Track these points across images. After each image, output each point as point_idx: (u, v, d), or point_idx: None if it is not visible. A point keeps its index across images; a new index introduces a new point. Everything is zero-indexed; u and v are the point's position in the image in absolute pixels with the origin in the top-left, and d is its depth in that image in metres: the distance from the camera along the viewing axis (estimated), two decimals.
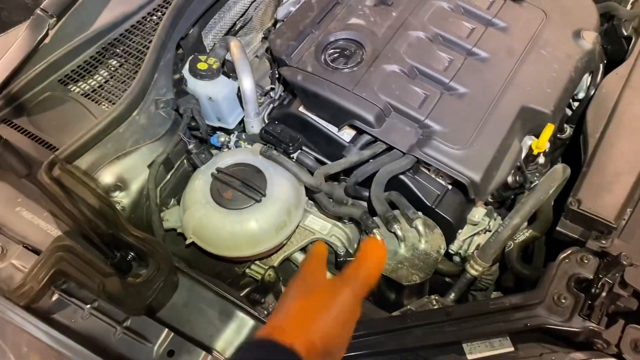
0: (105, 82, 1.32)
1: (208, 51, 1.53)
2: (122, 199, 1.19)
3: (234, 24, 1.66)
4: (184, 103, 1.31)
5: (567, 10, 1.48)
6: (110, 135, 1.21)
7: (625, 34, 1.54)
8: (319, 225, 1.34)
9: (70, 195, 1.09)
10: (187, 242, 1.21)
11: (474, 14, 1.44)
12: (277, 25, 1.67)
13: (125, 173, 1.20)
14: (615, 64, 1.49)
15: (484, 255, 1.27)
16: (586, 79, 1.48)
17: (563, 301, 1.08)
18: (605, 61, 1.51)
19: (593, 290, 1.08)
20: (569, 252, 1.15)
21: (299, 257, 1.35)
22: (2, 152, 0.89)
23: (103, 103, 1.29)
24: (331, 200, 1.32)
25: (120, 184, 1.19)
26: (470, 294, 1.50)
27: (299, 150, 1.35)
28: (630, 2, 1.59)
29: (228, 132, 1.45)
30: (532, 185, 1.41)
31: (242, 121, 1.44)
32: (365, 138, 1.31)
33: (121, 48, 1.37)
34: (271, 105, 1.46)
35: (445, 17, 1.42)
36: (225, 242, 1.19)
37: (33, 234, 1.15)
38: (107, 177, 1.18)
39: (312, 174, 1.31)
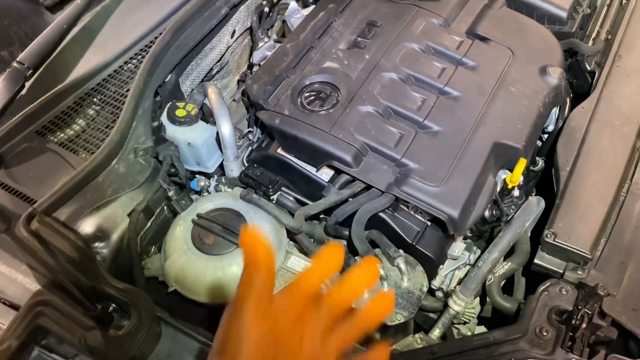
0: (83, 132, 1.32)
1: (186, 97, 1.55)
2: (102, 249, 1.18)
3: (211, 69, 1.69)
4: (163, 150, 1.32)
5: (532, 48, 1.54)
6: (89, 186, 1.20)
7: (589, 68, 1.61)
8: (302, 266, 1.34)
9: (49, 248, 1.08)
10: (169, 290, 1.21)
11: (444, 54, 1.49)
12: (254, 70, 1.70)
13: (105, 223, 1.19)
14: (581, 97, 1.55)
15: (466, 291, 1.28)
16: (554, 112, 1.53)
17: (545, 334, 1.10)
18: (571, 95, 1.57)
19: (573, 321, 1.10)
20: (548, 284, 1.17)
21: None
22: None
23: (81, 153, 1.29)
24: (312, 240, 1.33)
25: (100, 234, 1.18)
26: (454, 327, 1.50)
27: (279, 192, 1.37)
28: (591, 39, 1.66)
29: (208, 176, 1.46)
30: (509, 218, 1.44)
31: (221, 165, 1.45)
32: (344, 178, 1.33)
33: (98, 97, 1.38)
34: (250, 148, 1.48)
35: (417, 58, 1.47)
36: (208, 288, 1.18)
37: (11, 289, 1.13)
38: (86, 227, 1.17)
39: (292, 215, 1.32)
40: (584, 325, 1.08)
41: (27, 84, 1.33)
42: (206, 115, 1.54)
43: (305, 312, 0.62)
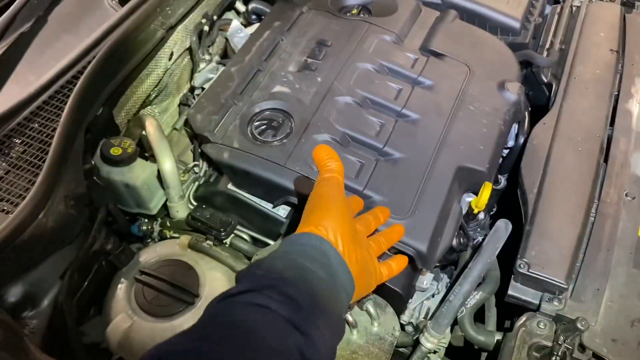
0: (2, 180, 1.16)
1: (121, 129, 1.40)
2: (31, 319, 1.02)
3: (149, 95, 1.54)
4: (97, 196, 1.17)
5: (489, 62, 1.49)
6: (12, 247, 1.04)
7: (545, 80, 1.57)
8: None
9: None
10: (114, 359, 1.07)
11: (399, 73, 1.41)
12: (196, 94, 1.57)
13: (34, 289, 1.03)
14: (539, 109, 1.51)
15: (438, 327, 1.21)
16: (514, 127, 1.48)
17: None
18: (529, 108, 1.52)
19: (554, 358, 1.04)
20: (525, 319, 1.12)
21: None
22: None
23: (2, 205, 1.12)
24: None
25: (28, 302, 1.03)
26: (427, 357, 1.43)
27: (233, 235, 1.25)
28: (545, 49, 1.62)
29: (152, 217, 1.32)
30: (475, 242, 1.38)
31: (165, 204, 1.32)
32: None
33: (20, 139, 1.21)
34: (196, 183, 1.35)
35: (372, 79, 1.38)
36: None
37: None
38: (10, 297, 1.01)
39: (249, 258, 1.21)
40: None
41: None
42: (145, 148, 1.39)
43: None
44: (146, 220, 1.31)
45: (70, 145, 1.18)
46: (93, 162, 1.24)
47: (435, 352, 1.43)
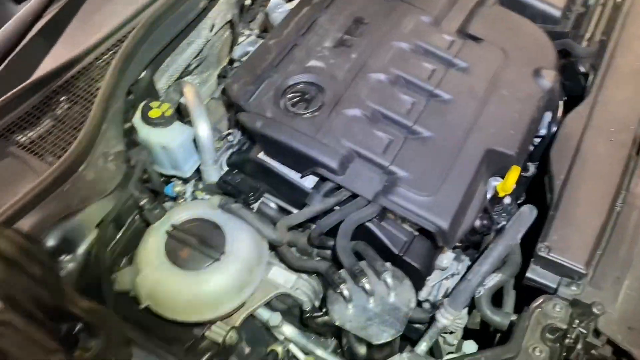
0: (49, 134, 1.23)
1: (161, 96, 1.46)
2: (68, 263, 1.09)
3: (189, 64, 1.59)
4: (135, 154, 1.23)
5: (526, 49, 1.48)
6: (55, 194, 1.11)
7: (583, 70, 1.55)
8: (284, 278, 1.27)
9: (9, 264, 0.99)
10: (141, 307, 1.13)
11: (434, 54, 1.42)
12: (234, 66, 1.62)
13: (72, 234, 1.10)
14: (574, 99, 1.49)
15: (455, 304, 1.23)
16: (547, 116, 1.48)
17: (538, 354, 1.05)
18: (565, 98, 1.51)
19: (567, 340, 1.05)
20: (541, 300, 1.12)
21: (263, 312, 1.28)
22: None
23: (47, 157, 1.19)
24: (295, 252, 1.26)
25: (66, 247, 1.10)
26: (441, 336, 1.45)
27: (260, 200, 1.29)
28: (585, 39, 1.60)
29: (184, 180, 1.37)
30: (499, 226, 1.39)
31: (199, 169, 1.37)
32: (329, 185, 1.26)
33: (66, 96, 1.28)
34: (230, 151, 1.40)
35: (406, 59, 1.39)
36: (183, 306, 1.11)
37: None
38: (51, 240, 1.08)
39: (274, 224, 1.25)
40: (578, 346, 1.03)
41: None
42: (183, 115, 1.45)
43: None
44: (180, 182, 1.36)
45: (112, 104, 1.24)
46: (132, 123, 1.29)
47: (452, 332, 1.46)
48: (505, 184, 1.28)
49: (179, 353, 1.03)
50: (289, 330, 1.25)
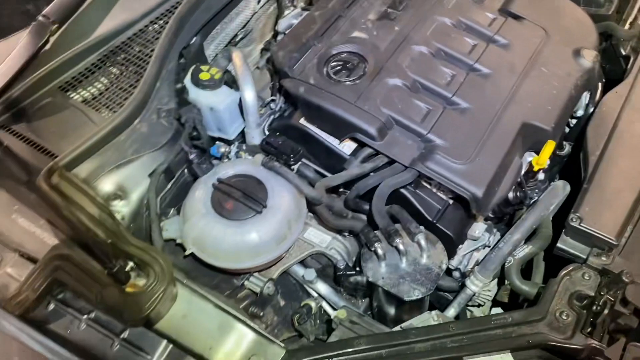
0: (106, 90, 1.31)
1: (210, 61, 1.53)
2: (121, 208, 1.17)
3: (235, 35, 1.66)
4: (185, 112, 1.30)
5: (567, 29, 1.50)
6: (111, 144, 1.19)
7: (624, 53, 1.56)
8: (319, 238, 1.33)
9: (69, 203, 1.07)
10: (187, 252, 1.20)
11: (475, 30, 1.45)
12: (279, 38, 1.67)
13: (126, 182, 1.18)
14: (613, 83, 1.50)
15: (485, 271, 1.27)
16: (585, 96, 1.49)
17: (565, 318, 1.08)
18: (604, 79, 1.52)
19: (595, 307, 1.08)
20: (571, 268, 1.15)
21: (298, 269, 1.34)
22: (3, 157, 0.87)
23: (103, 110, 1.27)
24: (332, 213, 1.31)
25: (120, 193, 1.18)
26: (467, 310, 1.49)
27: (300, 162, 1.35)
28: (628, 22, 1.61)
29: (228, 142, 1.44)
30: (532, 201, 1.41)
31: (242, 132, 1.43)
32: (367, 151, 1.30)
33: (122, 56, 1.36)
34: (272, 117, 1.46)
35: (448, 33, 1.43)
36: (226, 253, 1.18)
37: (29, 242, 1.13)
38: (106, 185, 1.17)
39: (313, 186, 1.30)
40: (605, 312, 1.06)
41: (52, 39, 1.31)
42: (229, 82, 1.51)
43: None
44: (224, 143, 1.43)
45: (166, 65, 1.31)
46: (183, 84, 1.36)
47: (479, 305, 1.49)
48: (540, 158, 1.30)
49: (219, 298, 1.09)
50: (322, 287, 1.31)
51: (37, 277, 1.04)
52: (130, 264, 1.08)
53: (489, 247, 1.40)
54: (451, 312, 1.29)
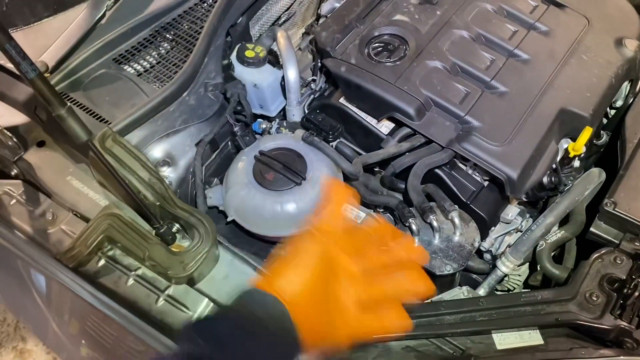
0: (157, 64, 1.37)
1: (254, 40, 1.58)
2: (169, 174, 1.23)
3: (279, 18, 1.71)
4: (231, 87, 1.36)
5: (609, 18, 1.50)
6: (161, 113, 1.25)
7: None
8: (354, 213, 1.36)
9: (121, 166, 1.14)
10: (228, 219, 1.25)
11: (516, 17, 1.47)
12: (322, 20, 1.71)
13: (174, 150, 1.25)
14: None
15: (516, 253, 1.29)
16: (625, 86, 1.49)
17: (595, 299, 1.09)
18: None
19: (625, 290, 1.09)
20: (603, 252, 1.16)
21: None
22: (67, 117, 0.94)
23: (153, 83, 1.34)
24: (367, 189, 1.35)
25: (169, 160, 1.24)
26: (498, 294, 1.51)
27: (338, 140, 1.39)
28: None
29: (269, 119, 1.49)
30: (566, 188, 1.42)
31: (283, 110, 1.48)
32: (404, 131, 1.34)
33: (173, 32, 1.42)
34: (312, 97, 1.50)
35: (489, 19, 1.45)
36: (265, 221, 1.23)
37: (82, 203, 1.20)
38: (156, 152, 1.23)
39: (350, 162, 1.34)
40: (636, 294, 1.07)
41: (108, 13, 1.38)
42: (272, 61, 1.56)
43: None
44: (266, 120, 1.48)
45: (214, 41, 1.37)
46: (230, 60, 1.42)
47: (509, 290, 1.51)
48: (577, 144, 1.31)
49: (259, 262, 1.14)
50: None
51: (90, 234, 1.10)
52: (177, 225, 1.15)
53: (521, 231, 1.42)
54: (481, 292, 1.31)
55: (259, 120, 1.49)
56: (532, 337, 1.09)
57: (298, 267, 0.78)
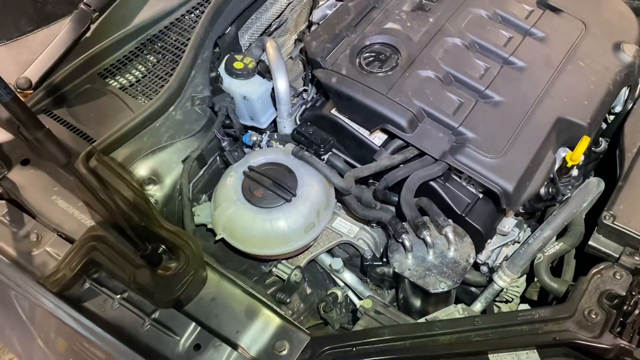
0: (143, 77, 1.34)
1: (244, 51, 1.55)
2: (155, 192, 1.21)
3: (270, 25, 1.67)
4: (219, 101, 1.33)
5: (607, 22, 1.46)
6: (147, 129, 1.23)
7: None
8: (347, 228, 1.34)
9: (105, 186, 1.11)
10: (217, 238, 1.23)
11: (511, 22, 1.43)
12: (313, 28, 1.68)
13: (160, 167, 1.22)
14: None
15: (513, 266, 1.26)
16: (624, 92, 1.46)
17: (594, 317, 1.06)
18: None
19: (625, 307, 1.06)
20: (602, 267, 1.13)
21: (325, 258, 1.35)
22: (44, 140, 0.91)
23: (139, 97, 1.31)
24: (360, 203, 1.32)
25: (155, 178, 1.21)
26: (495, 306, 1.48)
27: (330, 152, 1.36)
28: None
29: (260, 131, 1.46)
30: (565, 197, 1.39)
31: (274, 121, 1.45)
32: (397, 143, 1.31)
33: (159, 44, 1.39)
34: (303, 107, 1.47)
35: (483, 25, 1.41)
36: (255, 239, 1.20)
37: (67, 223, 1.17)
38: (142, 170, 1.20)
39: (342, 176, 1.31)
40: (636, 312, 1.04)
41: (93, 26, 1.35)
42: (262, 71, 1.53)
43: None
44: (256, 132, 1.45)
45: (201, 53, 1.34)
46: (218, 72, 1.39)
47: (508, 301, 1.48)
48: (574, 154, 1.28)
49: (247, 283, 1.11)
50: (349, 276, 1.32)
51: (74, 257, 1.08)
52: (163, 246, 1.12)
53: (519, 242, 1.39)
54: (478, 306, 1.29)
55: (249, 132, 1.46)
56: (529, 358, 1.06)
57: None
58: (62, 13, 1.37)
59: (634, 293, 1.07)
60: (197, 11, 1.44)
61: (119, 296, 1.08)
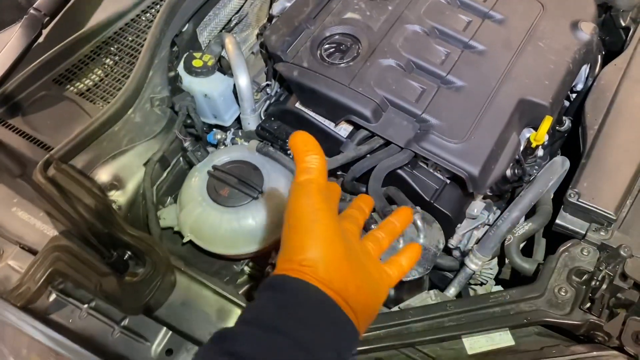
0: (100, 81, 1.31)
1: (203, 48, 1.52)
2: (118, 197, 1.18)
3: (230, 21, 1.65)
4: (179, 100, 1.31)
5: (564, 1, 1.47)
6: (106, 134, 1.20)
7: (623, 24, 1.53)
8: None
9: (65, 195, 1.08)
10: (184, 240, 1.21)
11: (470, 6, 1.43)
12: (272, 21, 1.66)
13: (121, 172, 1.19)
14: (614, 55, 1.47)
15: (484, 249, 1.26)
16: (584, 70, 1.47)
17: (563, 294, 1.08)
18: (603, 52, 1.50)
19: (593, 283, 1.07)
20: (569, 244, 1.14)
21: None
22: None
23: (98, 102, 1.28)
24: None
25: (116, 183, 1.19)
26: (470, 288, 1.49)
27: None
28: None
29: (224, 129, 1.44)
30: (531, 178, 1.40)
31: (238, 118, 1.43)
32: (363, 133, 1.30)
33: (115, 46, 1.36)
34: (267, 102, 1.45)
35: (442, 10, 1.41)
36: (223, 240, 1.18)
37: (29, 234, 1.14)
38: (102, 176, 1.17)
39: None
40: (604, 287, 1.05)
41: (44, 32, 1.31)
42: (224, 68, 1.51)
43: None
44: (220, 130, 1.43)
45: (158, 53, 1.31)
46: (177, 71, 1.36)
47: (482, 284, 1.49)
48: (538, 134, 1.29)
49: (218, 284, 1.10)
50: None
51: (38, 268, 1.05)
52: (128, 253, 1.10)
53: (489, 225, 1.40)
54: (452, 291, 1.29)
55: (214, 130, 1.44)
56: (502, 339, 1.07)
57: (324, 242, 0.63)
58: (11, 19, 1.33)
59: (601, 268, 1.09)
60: (153, 10, 1.41)
61: (86, 306, 1.06)
